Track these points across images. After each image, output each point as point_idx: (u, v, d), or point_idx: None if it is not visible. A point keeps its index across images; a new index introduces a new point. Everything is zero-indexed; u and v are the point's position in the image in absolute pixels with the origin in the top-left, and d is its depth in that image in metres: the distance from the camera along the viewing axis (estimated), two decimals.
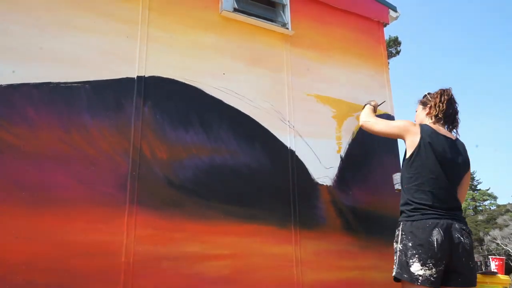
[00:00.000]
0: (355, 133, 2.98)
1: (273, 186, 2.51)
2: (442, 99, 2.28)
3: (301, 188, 2.60)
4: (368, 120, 2.57)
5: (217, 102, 2.45)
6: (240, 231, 2.30)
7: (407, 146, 2.22)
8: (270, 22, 2.82)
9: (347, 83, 3.08)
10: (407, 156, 2.20)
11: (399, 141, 3.18)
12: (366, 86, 3.17)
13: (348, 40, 3.21)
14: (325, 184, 2.71)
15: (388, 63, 3.76)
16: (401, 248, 2.03)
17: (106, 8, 2.25)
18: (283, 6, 2.93)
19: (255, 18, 2.75)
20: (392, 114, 3.21)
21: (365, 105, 2.80)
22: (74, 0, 2.17)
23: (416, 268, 1.93)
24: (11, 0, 2.02)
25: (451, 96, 2.29)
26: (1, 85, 1.89)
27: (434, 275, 1.91)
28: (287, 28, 2.87)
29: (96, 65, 2.14)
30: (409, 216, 2.05)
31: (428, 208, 2.02)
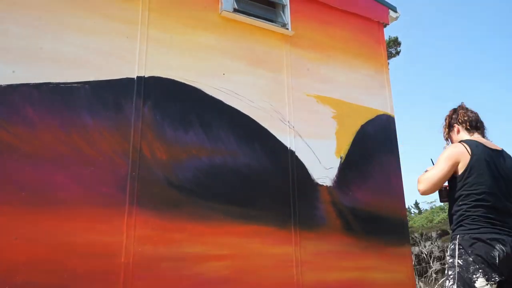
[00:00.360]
0: (355, 133, 2.97)
1: (273, 187, 2.51)
2: (462, 112, 2.23)
3: (301, 188, 2.60)
4: (421, 180, 2.13)
5: (217, 103, 2.45)
6: (240, 231, 2.30)
7: (460, 165, 2.07)
8: (270, 23, 2.82)
9: (347, 83, 3.07)
10: (460, 173, 2.06)
11: (399, 141, 3.18)
12: (366, 86, 3.17)
13: (348, 40, 3.21)
14: (325, 185, 2.71)
15: (388, 63, 3.76)
16: (461, 263, 1.95)
17: (106, 9, 2.25)
18: (283, 6, 2.93)
19: (255, 18, 2.75)
20: (392, 115, 3.21)
21: None
22: (74, 1, 2.17)
23: (481, 283, 1.88)
24: (11, 0, 2.02)
25: (466, 107, 2.25)
26: (1, 85, 1.88)
27: None
28: (287, 29, 2.86)
29: (96, 65, 2.14)
30: (468, 229, 1.99)
31: (487, 221, 1.97)
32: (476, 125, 2.19)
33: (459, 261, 1.96)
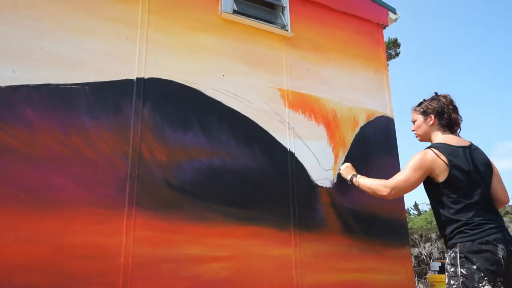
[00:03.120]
0: (355, 135, 2.97)
1: (273, 188, 2.50)
2: (451, 107, 2.14)
3: (300, 190, 2.60)
4: (388, 190, 2.13)
5: (216, 104, 2.45)
6: (240, 233, 2.30)
7: (436, 174, 2.00)
8: (270, 24, 2.82)
9: (346, 85, 3.08)
10: (439, 180, 2.00)
11: (398, 143, 3.18)
12: (365, 87, 3.17)
13: (348, 42, 3.21)
14: (324, 186, 2.71)
15: (388, 64, 3.76)
16: (464, 273, 1.85)
17: (105, 10, 2.25)
18: (283, 8, 2.94)
19: (255, 20, 2.75)
20: (391, 116, 3.21)
21: (348, 177, 2.48)
22: (74, 2, 2.17)
23: None
24: (11, 1, 2.02)
25: (454, 104, 2.16)
26: (1, 86, 1.88)
27: None
28: (287, 30, 2.87)
29: (95, 67, 2.14)
30: (470, 235, 1.89)
31: (485, 223, 1.89)
32: (454, 126, 2.14)
33: (462, 270, 1.87)
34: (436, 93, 2.23)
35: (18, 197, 1.80)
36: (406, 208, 5.16)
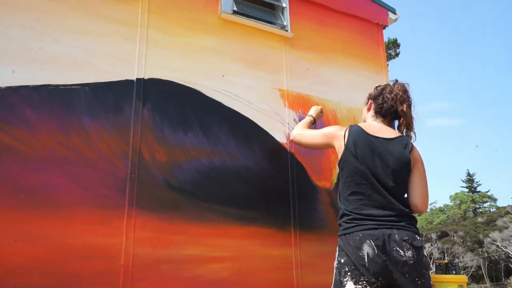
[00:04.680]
0: None
1: (273, 188, 2.51)
2: (392, 95, 2.01)
3: (300, 190, 2.60)
4: (296, 134, 2.29)
5: (216, 104, 2.45)
6: (240, 233, 2.30)
7: (337, 152, 1.98)
8: (270, 24, 2.82)
9: (346, 85, 3.08)
10: (338, 162, 1.96)
11: None
12: (365, 88, 3.15)
13: (348, 42, 3.21)
14: (324, 186, 2.71)
15: (388, 65, 3.77)
16: (336, 265, 1.85)
17: (105, 11, 2.25)
18: (282, 8, 2.94)
19: (254, 20, 2.75)
20: None
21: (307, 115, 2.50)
22: (73, 3, 2.17)
23: (350, 287, 1.72)
24: (11, 1, 2.02)
25: (399, 92, 2.01)
26: (1, 87, 1.88)
27: None
28: (287, 30, 2.87)
29: (95, 67, 2.14)
30: (345, 228, 1.84)
31: (363, 218, 1.79)
32: (387, 115, 2.02)
33: (335, 263, 1.86)
34: (395, 80, 2.10)
35: (18, 198, 1.80)
36: None
